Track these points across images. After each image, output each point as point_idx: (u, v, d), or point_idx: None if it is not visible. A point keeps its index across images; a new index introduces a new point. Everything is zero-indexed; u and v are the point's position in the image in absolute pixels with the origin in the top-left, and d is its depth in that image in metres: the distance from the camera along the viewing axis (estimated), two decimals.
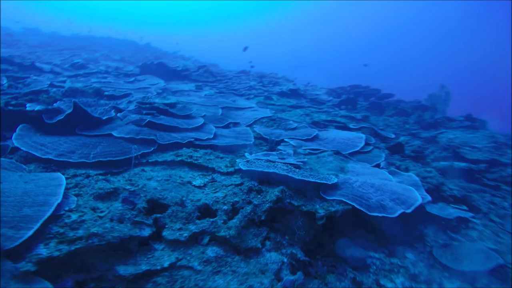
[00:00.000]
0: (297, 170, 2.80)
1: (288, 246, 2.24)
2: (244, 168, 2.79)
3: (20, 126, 3.37)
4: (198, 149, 3.49)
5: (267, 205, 2.37)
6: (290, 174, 2.62)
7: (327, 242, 2.64)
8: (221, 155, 3.48)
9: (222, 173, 2.95)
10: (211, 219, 2.25)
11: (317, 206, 2.52)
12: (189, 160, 3.15)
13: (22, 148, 2.98)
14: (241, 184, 2.65)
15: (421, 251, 2.76)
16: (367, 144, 4.75)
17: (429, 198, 3.29)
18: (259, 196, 2.49)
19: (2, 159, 2.92)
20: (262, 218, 2.31)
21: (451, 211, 3.11)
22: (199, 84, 7.72)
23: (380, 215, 2.53)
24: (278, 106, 7.03)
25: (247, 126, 4.95)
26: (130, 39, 18.10)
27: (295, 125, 5.00)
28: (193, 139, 3.72)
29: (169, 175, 2.77)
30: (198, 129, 4.27)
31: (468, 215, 3.13)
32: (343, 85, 12.75)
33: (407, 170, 4.17)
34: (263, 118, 5.37)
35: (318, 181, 2.64)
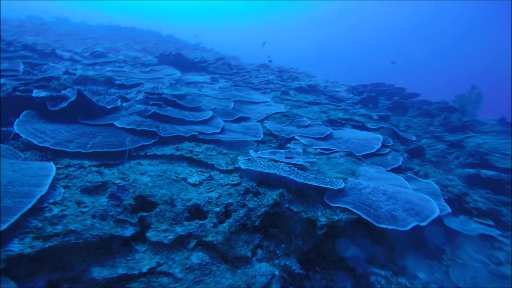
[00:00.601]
0: (301, 172, 2.57)
1: (282, 257, 2.03)
2: (243, 167, 2.59)
3: (24, 112, 3.32)
4: (200, 144, 3.32)
5: (263, 209, 2.16)
6: (291, 177, 2.39)
7: (330, 253, 2.40)
8: (225, 151, 3.29)
9: (221, 171, 2.76)
10: (200, 222, 2.06)
11: (319, 213, 2.28)
12: (189, 155, 2.98)
13: (21, 134, 2.91)
14: (238, 184, 2.45)
15: (435, 270, 2.46)
16: (384, 146, 4.42)
17: (448, 209, 2.96)
18: (255, 198, 2.28)
19: (1, 145, 2.87)
20: (256, 223, 2.10)
21: (474, 227, 2.78)
22: (215, 77, 7.56)
23: (390, 227, 2.26)
24: (294, 102, 6.75)
25: (258, 121, 4.74)
26: (154, 30, 18.24)
27: (309, 122, 4.73)
28: (197, 133, 3.55)
29: (164, 170, 2.61)
30: (205, 122, 4.10)
31: (495, 232, 2.78)
32: (365, 83, 12.24)
33: (426, 176, 3.82)
34: (276, 113, 5.12)
35: (322, 186, 2.39)
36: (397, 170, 3.88)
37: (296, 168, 2.63)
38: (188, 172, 2.72)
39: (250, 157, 2.83)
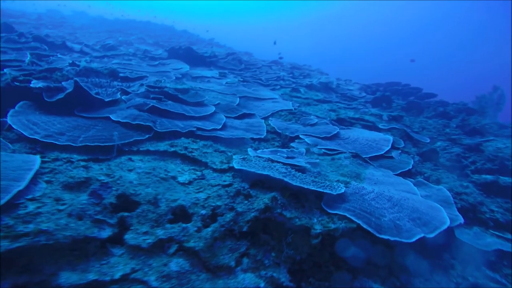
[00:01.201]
0: (299, 174, 2.37)
1: (270, 267, 1.84)
2: (237, 167, 2.41)
3: (20, 103, 3.24)
4: (198, 140, 3.16)
5: (252, 214, 1.98)
6: (286, 179, 2.19)
7: (326, 262, 2.20)
8: (222, 148, 3.13)
9: (215, 170, 2.59)
10: (183, 225, 1.90)
11: (315, 220, 2.08)
12: (183, 151, 2.83)
13: (13, 125, 2.82)
14: (230, 185, 2.27)
15: None
16: (394, 148, 4.15)
17: (461, 220, 2.70)
18: (246, 202, 2.10)
19: None
20: (244, 229, 1.93)
21: (490, 241, 2.51)
22: (224, 72, 7.39)
23: (393, 239, 2.04)
24: (303, 99, 6.52)
25: (263, 118, 4.54)
26: (168, 24, 18.22)
27: (316, 120, 4.51)
28: (195, 129, 3.40)
29: (153, 167, 2.47)
30: (206, 118, 3.94)
31: None
32: (380, 82, 11.84)
33: (438, 182, 3.55)
34: (282, 111, 4.92)
35: (320, 190, 2.19)
36: (406, 174, 3.62)
37: (294, 170, 2.44)
38: (179, 170, 2.56)
39: (245, 156, 2.65)
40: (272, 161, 2.63)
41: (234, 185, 2.27)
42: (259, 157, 2.74)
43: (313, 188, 2.16)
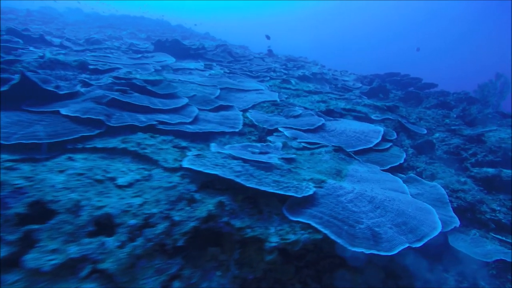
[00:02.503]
0: (259, 173, 1.96)
1: None
2: (184, 165, 2.01)
3: None
4: (157, 135, 2.77)
5: (191, 224, 1.58)
6: (238, 180, 1.78)
7: (291, 279, 1.80)
8: (184, 143, 2.73)
9: (166, 169, 2.19)
10: (104, 239, 1.51)
11: (272, 230, 1.67)
12: (134, 148, 2.43)
13: None
14: (173, 187, 1.87)
15: None
16: (385, 140, 3.72)
17: (457, 222, 2.28)
18: (188, 208, 1.70)
19: None
20: (180, 243, 1.53)
21: (490, 249, 2.09)
22: (210, 64, 6.97)
23: (368, 252, 1.63)
24: (293, 91, 6.09)
25: (243, 110, 4.13)
26: (163, 19, 17.76)
27: (300, 112, 4.08)
28: (156, 122, 3.00)
29: (91, 167, 2.07)
30: (176, 110, 3.54)
31: None
32: (379, 73, 11.33)
33: (432, 177, 3.12)
34: (265, 102, 4.50)
35: (280, 193, 1.78)
36: (397, 170, 3.20)
37: (255, 168, 2.03)
38: (124, 170, 2.16)
39: (201, 153, 2.24)
40: (234, 157, 2.23)
41: (178, 187, 1.87)
42: (220, 153, 2.34)
43: (270, 190, 1.75)
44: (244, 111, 4.11)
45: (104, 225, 1.63)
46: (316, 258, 1.89)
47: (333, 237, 1.64)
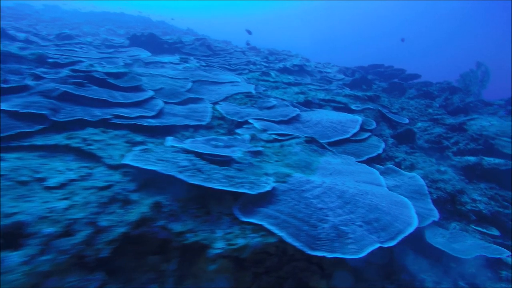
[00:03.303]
0: (208, 168, 1.70)
1: None
2: (124, 161, 1.73)
3: None
4: (110, 130, 2.48)
5: (119, 230, 1.31)
6: (180, 176, 1.52)
7: None
8: (139, 139, 2.45)
9: (110, 167, 1.91)
10: (7, 254, 1.23)
11: (220, 233, 1.42)
12: (78, 145, 2.14)
13: None
14: (108, 187, 1.60)
15: None
16: (364, 130, 3.50)
17: (436, 216, 2.07)
18: (120, 211, 1.42)
19: None
20: (104, 253, 1.26)
21: (470, 244, 1.89)
22: (187, 57, 6.65)
23: (330, 256, 1.39)
24: (272, 83, 5.83)
25: (214, 103, 3.86)
26: (145, 16, 17.25)
27: (274, 103, 3.83)
28: (111, 116, 2.70)
29: (18, 167, 1.78)
30: (138, 104, 3.25)
31: (503, 253, 1.87)
32: (363, 65, 11.18)
33: (412, 168, 2.91)
34: (238, 94, 4.23)
35: (229, 189, 1.52)
36: (375, 160, 2.98)
37: (206, 163, 1.76)
38: (61, 169, 1.87)
39: (148, 147, 1.97)
40: (187, 151, 1.96)
41: (114, 187, 1.59)
42: (174, 147, 2.07)
43: (217, 187, 1.49)
44: (216, 103, 3.84)
45: (14, 235, 1.35)
46: (278, 263, 1.64)
47: (289, 240, 1.39)
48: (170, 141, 2.30)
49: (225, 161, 1.96)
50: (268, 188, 1.63)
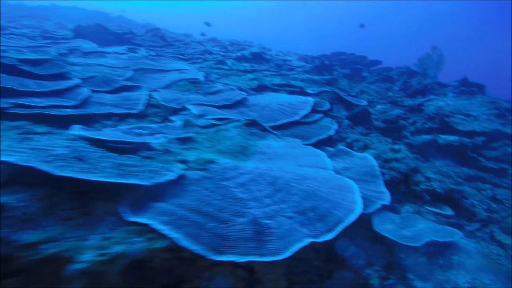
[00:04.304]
0: (96, 155, 1.30)
1: None
2: None
3: None
4: (6, 121, 2.00)
5: None
6: (43, 167, 1.12)
7: None
8: (42, 129, 1.99)
9: None
10: None
11: (95, 240, 1.04)
12: None
13: None
14: None
15: None
16: (316, 111, 3.22)
17: (387, 199, 1.80)
18: None
19: None
20: None
21: (421, 228, 1.64)
22: (135, 48, 6.10)
23: (241, 260, 1.05)
24: (227, 71, 5.45)
25: (154, 90, 3.43)
26: (103, 11, 16.13)
27: (219, 87, 3.46)
28: (11, 105, 2.22)
29: None
30: (58, 93, 2.77)
31: (454, 236, 1.64)
32: (326, 53, 11.07)
33: (365, 148, 2.67)
34: (182, 80, 3.82)
35: (109, 181, 1.14)
36: (326, 142, 2.70)
37: (103, 150, 1.37)
38: None
39: (30, 136, 1.54)
40: (86, 139, 1.55)
41: None
42: (74, 135, 1.65)
43: (94, 178, 1.11)
44: (155, 90, 3.41)
45: None
46: (179, 273, 1.28)
47: (184, 242, 1.04)
48: (75, 130, 1.87)
49: (132, 149, 1.57)
50: (170, 177, 1.26)
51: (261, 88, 4.30)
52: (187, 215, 1.15)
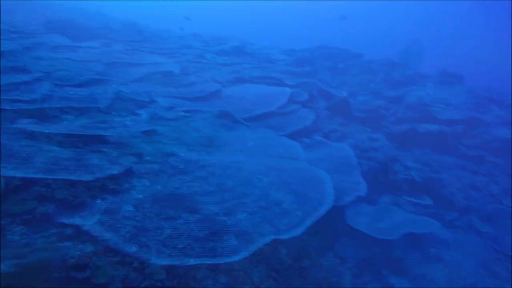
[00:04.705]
0: None
1: None
2: None
3: None
4: None
5: None
6: None
7: None
8: None
9: None
10: None
11: None
12: None
13: None
14: None
15: None
16: (294, 102, 3.10)
17: (363, 190, 1.70)
18: None
19: None
20: None
21: (398, 220, 1.54)
22: (110, 42, 5.84)
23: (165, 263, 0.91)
24: (205, 64, 5.28)
25: (124, 84, 3.23)
26: (82, 7, 15.51)
27: (193, 80, 3.30)
28: None
29: None
30: (14, 87, 2.55)
31: (432, 226, 1.55)
32: (309, 47, 10.98)
33: (343, 138, 2.56)
34: (156, 73, 3.63)
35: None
36: (303, 133, 2.59)
37: (25, 145, 1.20)
38: None
39: None
40: (29, 133, 1.37)
41: None
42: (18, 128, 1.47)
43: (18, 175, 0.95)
44: (125, 85, 3.21)
45: None
46: None
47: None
48: (19, 123, 1.69)
49: (82, 143, 1.40)
50: (113, 171, 1.11)
51: (239, 80, 4.15)
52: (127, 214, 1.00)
